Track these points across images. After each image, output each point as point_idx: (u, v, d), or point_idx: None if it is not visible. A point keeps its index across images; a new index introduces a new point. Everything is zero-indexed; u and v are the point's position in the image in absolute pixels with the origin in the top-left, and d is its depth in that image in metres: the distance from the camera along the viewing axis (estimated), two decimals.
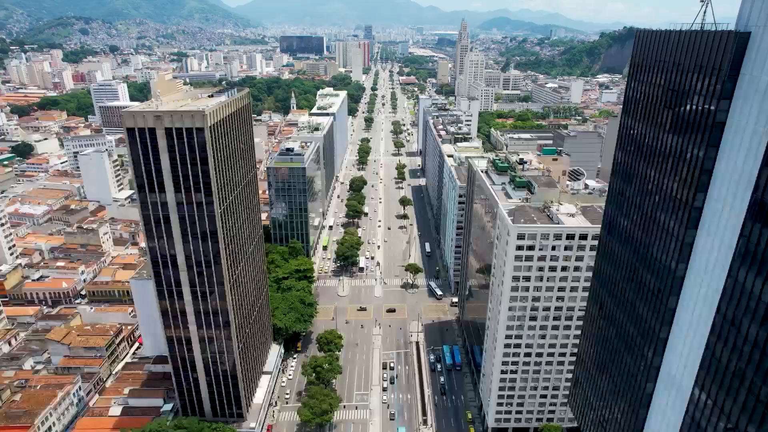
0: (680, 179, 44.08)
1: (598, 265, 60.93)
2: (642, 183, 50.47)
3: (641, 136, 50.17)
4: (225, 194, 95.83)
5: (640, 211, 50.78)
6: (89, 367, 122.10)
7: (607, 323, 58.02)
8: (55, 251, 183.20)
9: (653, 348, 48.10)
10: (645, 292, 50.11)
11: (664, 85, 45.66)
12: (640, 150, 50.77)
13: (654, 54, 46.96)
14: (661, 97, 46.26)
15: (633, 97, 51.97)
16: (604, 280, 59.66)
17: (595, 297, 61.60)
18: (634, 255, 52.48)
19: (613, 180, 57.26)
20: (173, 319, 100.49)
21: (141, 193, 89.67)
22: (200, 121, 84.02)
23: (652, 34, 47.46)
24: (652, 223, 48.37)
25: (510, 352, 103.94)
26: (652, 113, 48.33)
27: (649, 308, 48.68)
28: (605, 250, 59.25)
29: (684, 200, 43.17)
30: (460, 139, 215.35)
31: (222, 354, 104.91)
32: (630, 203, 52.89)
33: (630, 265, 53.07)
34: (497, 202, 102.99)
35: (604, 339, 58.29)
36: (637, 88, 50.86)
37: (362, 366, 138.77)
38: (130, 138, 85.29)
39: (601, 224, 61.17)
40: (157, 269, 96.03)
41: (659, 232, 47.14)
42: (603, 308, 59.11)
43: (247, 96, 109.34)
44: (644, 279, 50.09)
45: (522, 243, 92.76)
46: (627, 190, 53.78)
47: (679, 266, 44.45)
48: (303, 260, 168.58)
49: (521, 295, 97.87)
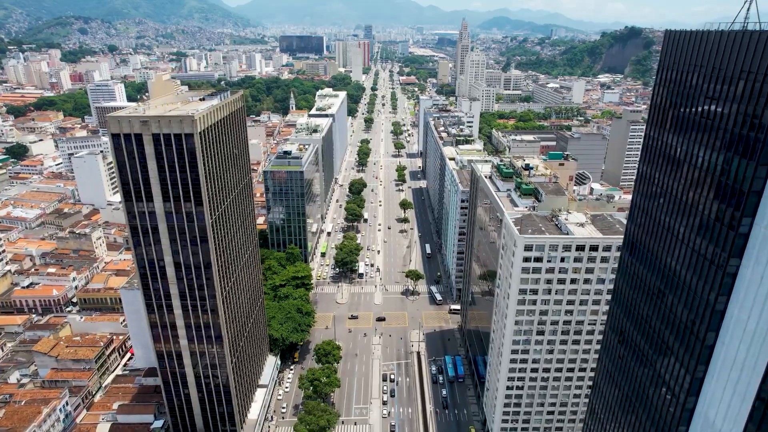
0: (721, 200, 39.06)
1: (618, 288, 56.04)
2: (672, 201, 45.41)
3: (671, 149, 45.12)
4: (217, 202, 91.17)
5: (669, 232, 45.85)
6: (77, 380, 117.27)
7: (629, 352, 53.14)
8: (47, 257, 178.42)
9: (686, 388, 42.88)
10: (676, 324, 45.02)
11: (699, 92, 40.68)
12: (669, 164, 45.66)
13: (687, 57, 42.00)
14: (697, 105, 41.31)
15: (661, 104, 46.93)
16: (624, 304, 54.79)
17: (614, 322, 56.82)
18: (661, 281, 47.56)
19: (636, 196, 52.28)
20: (163, 332, 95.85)
21: (128, 202, 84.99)
22: (189, 127, 79.32)
23: (686, 35, 42.40)
24: (685, 247, 43.34)
25: (516, 367, 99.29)
26: (685, 123, 43.15)
27: (681, 343, 43.74)
28: (626, 272, 54.35)
29: (726, 224, 38.19)
30: (461, 142, 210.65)
31: (214, 368, 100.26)
32: (657, 222, 47.92)
33: (657, 291, 48.13)
34: (503, 210, 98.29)
35: (626, 370, 53.52)
36: (667, 94, 45.84)
37: (361, 377, 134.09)
38: (116, 144, 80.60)
39: (622, 242, 55.99)
40: (146, 281, 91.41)
41: (694, 258, 41.97)
42: (623, 335, 54.30)
43: (241, 99, 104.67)
44: (675, 309, 45.14)
45: (529, 254, 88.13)
46: (653, 207, 48.75)
47: (719, 298, 39.54)
48: (301, 266, 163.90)
49: (528, 309, 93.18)
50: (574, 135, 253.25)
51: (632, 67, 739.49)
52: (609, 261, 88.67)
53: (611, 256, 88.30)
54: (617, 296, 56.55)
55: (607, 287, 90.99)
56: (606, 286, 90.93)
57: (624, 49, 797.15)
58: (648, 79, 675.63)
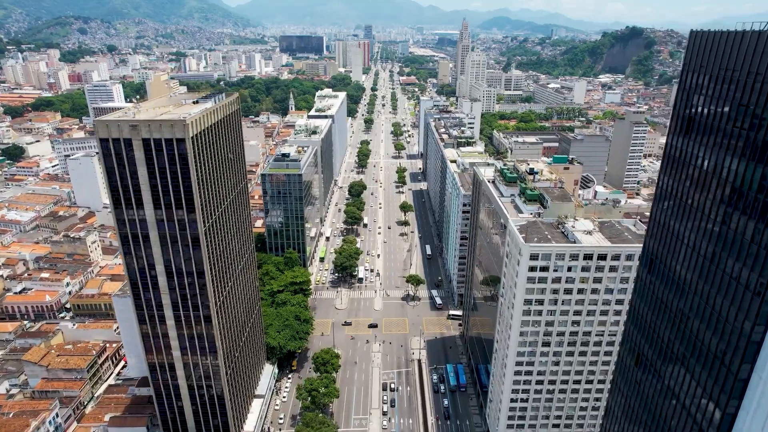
0: (758, 219, 35.56)
1: (635, 307, 52.59)
2: (699, 218, 41.81)
3: (698, 161, 41.52)
4: (211, 209, 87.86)
5: (695, 252, 42.35)
6: (68, 390, 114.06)
7: (648, 378, 49.61)
8: (40, 261, 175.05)
9: (716, 424, 39.29)
10: (703, 353, 41.31)
11: (732, 98, 37.28)
12: (695, 177, 41.96)
13: (717, 60, 38.50)
14: (729, 114, 37.86)
15: (685, 113, 43.40)
16: (642, 325, 51.36)
17: (631, 343, 53.43)
18: (686, 304, 44.00)
19: (655, 209, 48.68)
20: (155, 343, 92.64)
21: (117, 209, 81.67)
22: (181, 131, 75.98)
23: (715, 36, 38.82)
24: (715, 268, 39.88)
25: (521, 379, 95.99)
26: (714, 133, 39.74)
27: (710, 374, 40.25)
28: (644, 290, 50.87)
29: (765, 246, 34.52)
30: (463, 144, 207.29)
31: (209, 380, 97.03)
32: (680, 240, 44.39)
33: (680, 314, 44.58)
34: (507, 217, 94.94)
35: (644, 397, 50.07)
36: (692, 101, 42.33)
37: (361, 387, 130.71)
38: (104, 150, 77.26)
39: (639, 258, 52.37)
40: (137, 291, 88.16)
41: (726, 282, 38.49)
42: (641, 359, 50.92)
43: (237, 101, 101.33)
44: (702, 336, 41.56)
45: (535, 264, 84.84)
46: (675, 223, 45.16)
47: (756, 328, 36.00)
48: (299, 271, 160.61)
49: (533, 320, 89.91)
50: (577, 137, 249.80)
51: (633, 68, 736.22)
52: (618, 270, 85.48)
53: (620, 266, 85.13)
54: (634, 315, 53.13)
55: (616, 297, 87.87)
56: (614, 296, 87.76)
57: (625, 49, 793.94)
58: (649, 80, 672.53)
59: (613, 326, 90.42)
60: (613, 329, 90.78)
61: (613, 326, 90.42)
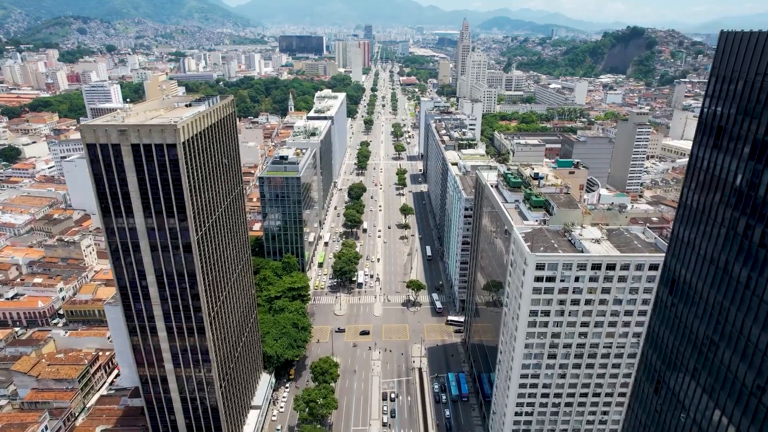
0: None
1: (654, 329, 49.19)
2: (730, 238, 38.48)
3: (729, 175, 38.34)
4: (204, 217, 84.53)
5: (726, 274, 39.09)
6: (59, 401, 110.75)
7: (669, 408, 46.11)
8: (34, 265, 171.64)
9: None
10: (736, 387, 38.03)
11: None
12: (726, 195, 38.84)
13: (754, 64, 35.31)
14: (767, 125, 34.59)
15: (714, 122, 40.07)
16: (662, 349, 47.94)
17: (649, 368, 50.02)
18: (714, 331, 40.59)
19: (678, 226, 45.30)
20: (147, 356, 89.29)
21: (106, 217, 78.47)
22: (171, 136, 72.65)
23: (751, 37, 35.59)
24: (751, 294, 36.58)
25: (525, 392, 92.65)
26: (749, 146, 36.45)
27: (744, 412, 36.97)
28: (665, 313, 47.42)
29: None
30: (464, 146, 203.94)
31: (202, 392, 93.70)
32: (708, 261, 40.94)
33: (708, 342, 41.19)
34: (512, 224, 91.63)
35: (665, 428, 46.72)
36: (723, 110, 39.02)
37: (360, 396, 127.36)
38: (92, 156, 74.03)
39: (659, 278, 48.94)
40: (127, 302, 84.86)
41: (763, 311, 35.28)
42: (661, 386, 47.53)
43: (232, 104, 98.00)
44: (734, 368, 38.23)
45: (541, 273, 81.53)
46: (702, 243, 41.71)
47: None
48: (297, 276, 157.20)
49: (539, 331, 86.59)
50: (580, 138, 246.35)
51: (635, 68, 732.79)
52: (627, 281, 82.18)
53: (629, 276, 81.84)
54: (652, 338, 49.74)
55: (625, 308, 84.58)
56: (623, 308, 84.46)
57: (626, 50, 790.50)
58: (651, 80, 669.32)
59: (621, 338, 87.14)
60: (622, 341, 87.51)
61: (621, 338, 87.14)
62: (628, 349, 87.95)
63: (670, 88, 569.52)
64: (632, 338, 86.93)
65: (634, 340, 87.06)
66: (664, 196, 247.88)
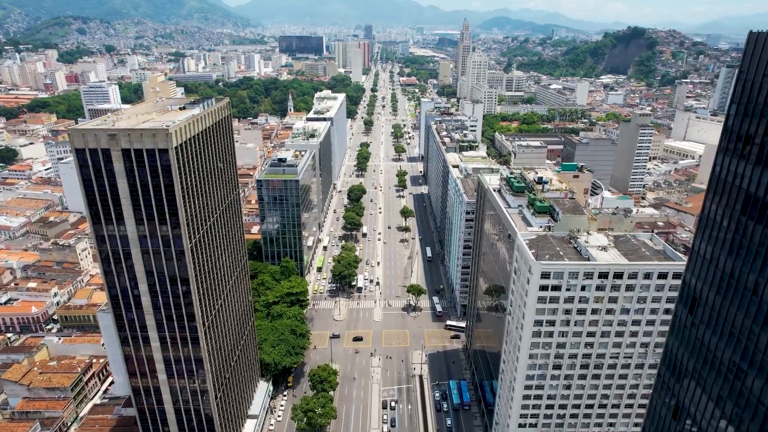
0: None
1: (671, 350, 46.30)
2: (760, 256, 35.89)
3: (759, 189, 35.72)
4: (198, 223, 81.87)
5: (755, 296, 36.48)
6: (51, 411, 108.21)
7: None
8: (28, 269, 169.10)
9: None
10: (767, 418, 35.55)
11: None
12: (754, 208, 36.22)
13: None
14: None
15: (741, 130, 37.29)
16: (680, 372, 45.05)
17: (666, 392, 47.24)
18: (741, 357, 37.87)
19: (699, 241, 42.59)
20: (139, 366, 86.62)
21: (96, 225, 75.64)
22: (163, 141, 69.97)
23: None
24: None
25: (529, 404, 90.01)
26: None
27: None
28: (684, 333, 44.57)
29: None
30: (465, 148, 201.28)
31: (197, 403, 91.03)
32: (734, 281, 38.28)
33: (734, 368, 38.40)
34: (515, 231, 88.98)
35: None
36: (751, 117, 36.32)
37: (360, 404, 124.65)
38: (80, 161, 71.23)
39: (678, 296, 46.02)
40: (119, 311, 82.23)
41: None
42: (680, 412, 44.83)
43: (227, 107, 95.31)
44: (765, 399, 35.59)
45: (547, 282, 78.87)
46: (728, 261, 39.01)
47: None
48: (296, 281, 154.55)
49: (544, 341, 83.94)
50: (583, 140, 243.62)
51: (635, 68, 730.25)
52: (635, 289, 79.55)
53: (637, 284, 79.22)
54: (670, 359, 46.91)
55: (632, 318, 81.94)
56: (631, 317, 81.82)
57: (627, 50, 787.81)
58: (652, 80, 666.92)
59: (629, 349, 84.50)
60: (629, 352, 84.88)
61: (629, 349, 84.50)
62: (635, 360, 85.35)
63: (671, 88, 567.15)
64: (640, 348, 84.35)
65: (641, 351, 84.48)
66: (667, 198, 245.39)
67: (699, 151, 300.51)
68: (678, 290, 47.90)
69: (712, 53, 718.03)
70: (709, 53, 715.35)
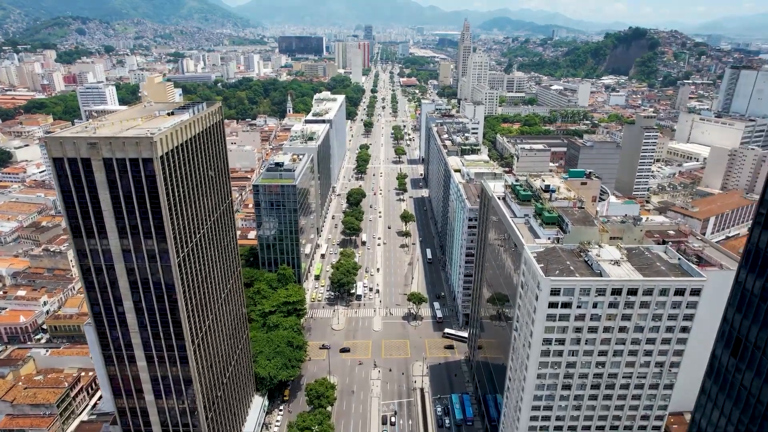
0: None
1: (709, 396, 41.23)
2: None
3: None
4: (187, 235, 77.28)
5: None
6: (35, 429, 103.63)
7: None
8: (18, 276, 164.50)
9: None
10: None
11: None
12: None
13: None
14: None
15: None
16: (719, 421, 40.60)
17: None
18: None
19: (745, 274, 38.20)
20: (125, 387, 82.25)
21: (77, 239, 71.08)
22: (147, 150, 65.41)
23: None
24: None
25: (537, 425, 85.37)
26: None
27: None
28: (724, 376, 40.17)
29: None
30: (467, 151, 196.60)
31: (187, 427, 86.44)
32: None
33: None
34: (522, 243, 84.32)
35: None
36: None
37: (358, 420, 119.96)
38: (59, 171, 66.81)
39: (717, 335, 41.52)
40: (102, 329, 77.69)
41: None
42: None
43: (219, 111, 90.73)
44: None
45: (556, 299, 74.22)
46: None
47: None
48: (293, 289, 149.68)
49: (553, 360, 79.30)
50: (587, 143, 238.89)
51: (637, 69, 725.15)
52: (650, 306, 74.89)
53: (652, 301, 74.55)
54: (706, 404, 42.32)
55: (647, 336, 77.27)
56: (645, 335, 77.15)
57: (628, 50, 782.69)
58: (653, 81, 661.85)
59: (642, 368, 79.83)
60: (643, 371, 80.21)
61: (642, 368, 79.83)
62: (649, 380, 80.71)
63: (673, 89, 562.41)
64: (655, 368, 79.71)
65: (656, 371, 79.85)
66: (672, 201, 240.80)
67: (704, 153, 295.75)
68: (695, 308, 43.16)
69: (714, 54, 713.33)
70: (711, 54, 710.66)
